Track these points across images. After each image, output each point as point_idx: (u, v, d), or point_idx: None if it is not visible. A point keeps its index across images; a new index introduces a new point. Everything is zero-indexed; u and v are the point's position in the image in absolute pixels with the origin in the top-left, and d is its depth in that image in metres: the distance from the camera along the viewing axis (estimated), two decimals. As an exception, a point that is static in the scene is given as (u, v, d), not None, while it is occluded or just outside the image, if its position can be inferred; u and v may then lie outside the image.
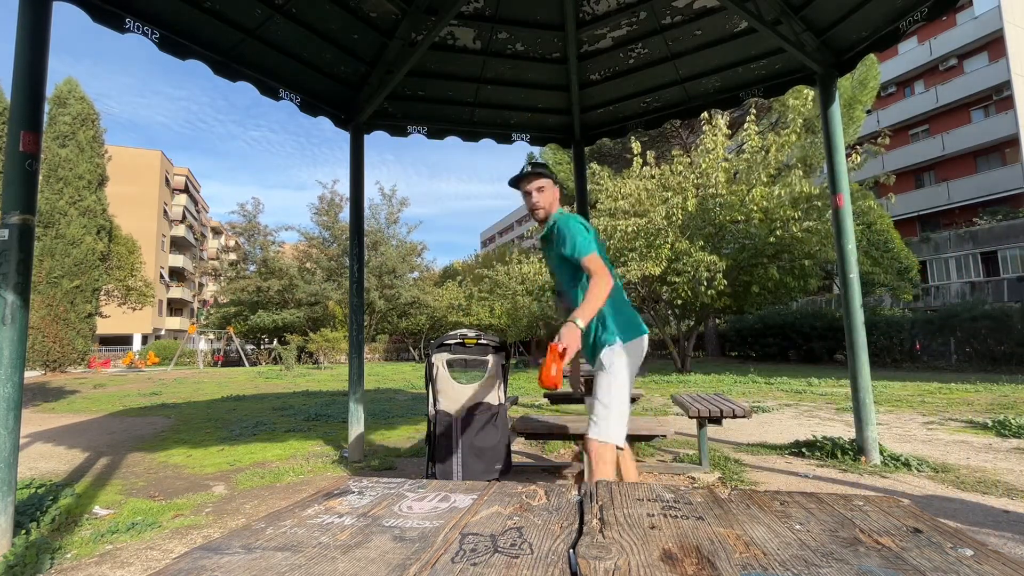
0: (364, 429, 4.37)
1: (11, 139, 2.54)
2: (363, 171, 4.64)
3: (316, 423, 6.17)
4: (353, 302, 4.50)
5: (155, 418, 6.99)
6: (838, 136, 4.01)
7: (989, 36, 24.12)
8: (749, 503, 0.89)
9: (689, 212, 12.16)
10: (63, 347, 17.01)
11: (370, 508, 0.89)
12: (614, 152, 20.77)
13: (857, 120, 19.00)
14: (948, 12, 4.17)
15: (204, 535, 2.63)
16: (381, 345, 28.87)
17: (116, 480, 3.77)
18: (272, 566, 0.65)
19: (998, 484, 3.18)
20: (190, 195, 51.09)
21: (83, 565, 2.31)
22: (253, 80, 3.97)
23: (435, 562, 0.66)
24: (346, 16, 4.00)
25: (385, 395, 9.39)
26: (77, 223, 18.14)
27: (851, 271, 3.87)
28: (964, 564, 0.62)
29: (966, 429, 5.04)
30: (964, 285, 23.07)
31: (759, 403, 7.15)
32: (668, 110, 5.10)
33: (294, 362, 17.68)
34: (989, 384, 8.88)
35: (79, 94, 19.13)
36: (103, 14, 3.04)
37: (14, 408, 2.43)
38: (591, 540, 0.73)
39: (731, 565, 0.63)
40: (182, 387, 11.87)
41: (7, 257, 2.46)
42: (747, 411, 3.41)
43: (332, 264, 26.71)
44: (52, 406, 8.58)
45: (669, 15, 4.35)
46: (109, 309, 22.24)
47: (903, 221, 25.75)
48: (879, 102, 25.68)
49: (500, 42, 4.61)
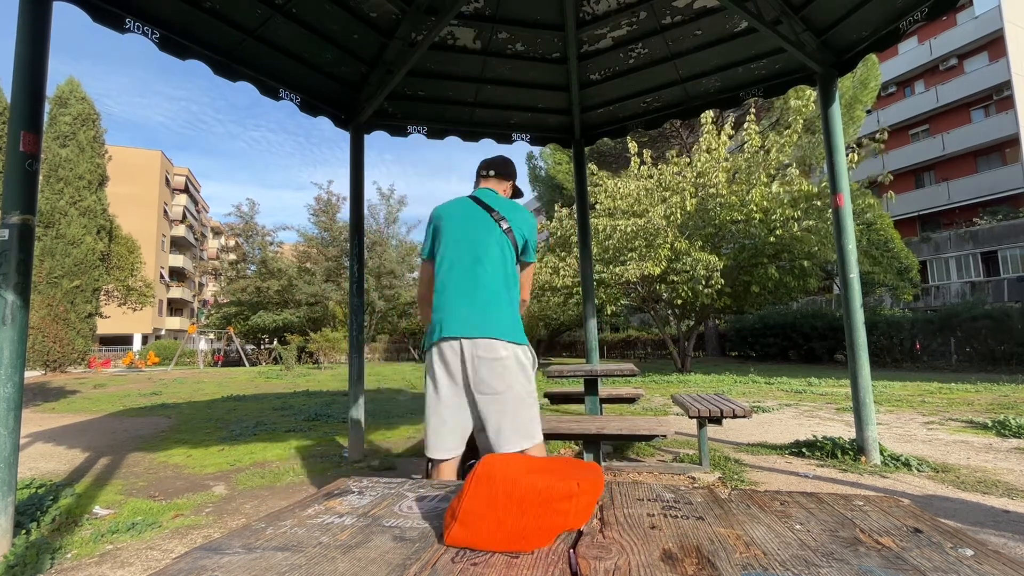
0: (364, 429, 4.37)
1: (11, 139, 2.54)
2: (363, 171, 4.64)
3: (316, 423, 6.17)
4: (353, 302, 4.50)
5: (155, 418, 6.99)
6: (838, 136, 4.01)
7: (989, 36, 24.12)
8: (749, 503, 0.89)
9: (688, 212, 12.16)
10: (63, 347, 17.00)
11: (370, 508, 0.89)
12: (614, 152, 20.77)
13: (857, 120, 19.01)
14: (948, 12, 4.16)
15: (204, 535, 2.63)
16: (381, 345, 28.87)
17: (116, 480, 3.77)
18: (272, 566, 0.65)
19: (998, 484, 3.18)
20: (190, 195, 51.10)
21: (83, 565, 2.31)
22: (253, 80, 3.97)
23: (435, 562, 0.66)
24: (346, 16, 4.00)
25: (385, 395, 9.39)
26: (77, 223, 18.15)
27: (851, 271, 3.86)
28: (964, 564, 0.62)
29: (966, 429, 5.04)
30: (964, 285, 23.07)
31: (759, 403, 7.15)
32: (668, 110, 5.10)
33: (294, 362, 17.68)
34: (989, 384, 8.88)
35: (80, 94, 19.14)
36: (103, 14, 3.04)
37: (14, 408, 2.43)
38: (591, 540, 0.73)
39: (731, 565, 0.63)
40: (182, 387, 11.87)
41: (7, 257, 2.46)
42: (747, 411, 3.41)
43: (331, 264, 26.70)
44: (52, 406, 8.58)
45: (669, 15, 4.35)
46: (109, 309, 22.23)
47: (903, 221, 25.75)
48: (879, 102, 25.69)
49: (500, 42, 4.61)
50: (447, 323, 1.84)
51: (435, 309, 1.90)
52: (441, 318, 1.86)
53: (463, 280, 1.89)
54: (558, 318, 20.48)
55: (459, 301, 1.86)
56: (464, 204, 2.03)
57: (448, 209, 2.02)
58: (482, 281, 1.88)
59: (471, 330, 1.80)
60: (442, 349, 1.81)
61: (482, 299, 1.85)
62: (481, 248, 1.92)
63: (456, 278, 1.90)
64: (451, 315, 1.84)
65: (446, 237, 1.96)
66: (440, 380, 1.81)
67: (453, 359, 1.80)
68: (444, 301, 1.88)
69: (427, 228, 2.05)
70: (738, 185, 12.08)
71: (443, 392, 1.81)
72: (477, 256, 1.90)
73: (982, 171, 24.65)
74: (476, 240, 1.93)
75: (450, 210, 2.02)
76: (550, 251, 16.08)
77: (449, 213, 2.01)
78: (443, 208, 2.04)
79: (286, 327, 25.91)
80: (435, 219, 2.03)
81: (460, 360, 1.80)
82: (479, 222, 1.97)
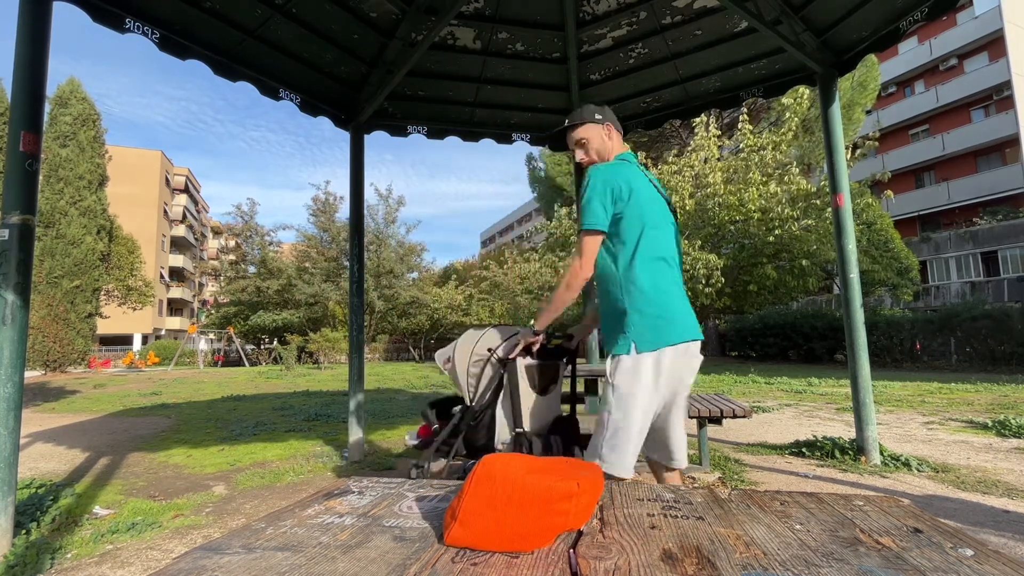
0: (364, 429, 4.37)
1: (11, 139, 2.54)
2: (363, 171, 4.64)
3: (316, 423, 6.17)
4: (353, 302, 4.50)
5: (155, 418, 6.99)
6: (838, 136, 4.01)
7: (989, 36, 24.11)
8: (749, 503, 0.89)
9: (687, 212, 12.17)
10: (63, 347, 17.00)
11: (370, 508, 0.89)
12: (614, 152, 20.75)
13: (856, 122, 19.00)
14: (948, 12, 4.16)
15: (204, 535, 2.63)
16: (381, 345, 28.85)
17: (116, 480, 3.77)
18: (272, 566, 0.65)
19: (998, 484, 3.18)
20: (190, 195, 51.09)
21: (83, 565, 2.31)
22: (253, 80, 3.96)
23: (435, 562, 0.66)
24: (346, 16, 4.00)
25: (385, 395, 9.38)
26: (77, 223, 18.15)
27: (851, 271, 3.86)
28: (964, 564, 0.62)
29: (966, 429, 5.04)
30: (964, 285, 23.07)
31: (759, 403, 7.15)
32: (668, 110, 5.10)
33: (294, 362, 17.68)
34: (989, 384, 8.88)
35: (80, 94, 19.16)
36: (103, 14, 3.04)
37: (14, 408, 2.43)
38: (591, 540, 0.73)
39: (731, 565, 0.63)
40: (182, 387, 11.86)
41: (7, 257, 2.46)
42: (747, 411, 3.41)
43: (330, 265, 26.70)
44: (52, 406, 8.58)
45: (669, 15, 4.35)
46: (109, 309, 22.24)
47: (903, 221, 25.74)
48: (879, 102, 25.63)
49: (500, 42, 4.61)
50: (689, 321, 1.63)
51: (654, 302, 1.61)
52: (677, 313, 1.62)
53: (676, 267, 1.70)
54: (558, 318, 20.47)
55: (682, 293, 1.66)
56: (644, 176, 1.73)
57: (636, 179, 1.67)
58: (680, 270, 1.73)
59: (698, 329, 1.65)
60: (678, 352, 1.59)
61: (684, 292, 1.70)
62: (676, 231, 1.75)
63: (672, 265, 1.68)
64: (686, 311, 1.64)
65: (645, 212, 1.64)
66: (662, 387, 1.60)
67: (684, 364, 1.63)
68: (672, 292, 1.64)
69: (604, 192, 1.64)
70: (735, 185, 12.09)
71: (659, 400, 1.63)
72: (675, 240, 1.73)
73: (982, 171, 24.65)
74: (669, 220, 1.73)
75: (638, 182, 1.68)
76: (550, 251, 16.08)
77: (639, 185, 1.67)
78: (630, 172, 1.69)
79: (286, 327, 25.90)
80: (622, 185, 1.65)
81: (688, 364, 1.64)
82: (661, 200, 1.75)
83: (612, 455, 1.61)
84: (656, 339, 1.59)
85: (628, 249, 1.65)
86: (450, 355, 1.94)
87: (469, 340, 1.91)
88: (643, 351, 1.58)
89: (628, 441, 1.61)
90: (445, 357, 1.97)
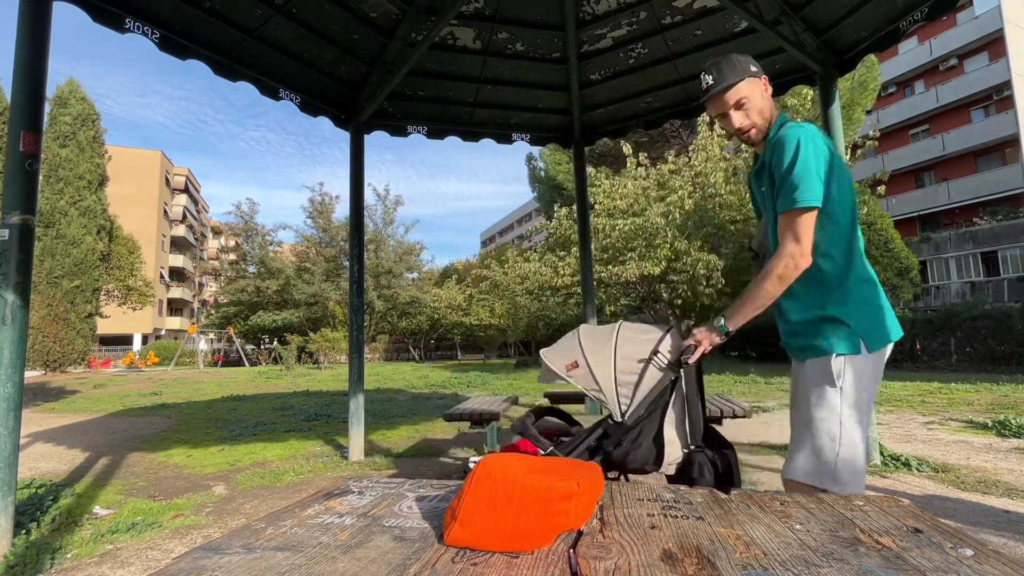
0: (364, 429, 4.37)
1: (11, 139, 2.54)
2: (363, 171, 4.64)
3: (316, 423, 6.17)
4: (353, 302, 4.50)
5: (155, 418, 6.99)
6: (838, 136, 4.01)
7: (989, 36, 24.12)
8: (749, 503, 0.89)
9: (687, 212, 12.18)
10: (63, 347, 17.02)
11: (370, 508, 0.89)
12: (613, 152, 20.78)
13: (856, 122, 19.01)
14: (948, 12, 4.17)
15: (204, 535, 2.63)
16: (381, 345, 28.88)
17: (116, 480, 3.77)
18: (272, 566, 0.65)
19: (998, 484, 3.18)
20: (190, 195, 51.09)
21: (83, 565, 2.31)
22: (253, 80, 3.96)
23: (435, 562, 0.66)
24: (346, 16, 4.00)
25: (385, 395, 9.39)
26: (77, 223, 18.17)
27: (851, 271, 3.86)
28: (964, 564, 0.62)
29: (966, 429, 5.04)
30: (964, 285, 23.07)
31: (759, 403, 7.15)
32: (668, 110, 5.10)
33: (294, 362, 17.70)
34: (989, 384, 8.88)
35: (80, 94, 19.17)
36: (103, 14, 3.04)
37: (14, 408, 2.43)
38: (591, 540, 0.73)
39: (731, 565, 0.63)
40: (182, 387, 11.87)
41: (7, 257, 2.46)
42: (747, 411, 3.41)
43: (329, 265, 26.72)
44: (52, 406, 8.58)
45: (669, 15, 4.35)
46: (109, 309, 22.25)
47: (903, 221, 25.74)
48: (879, 102, 25.64)
49: (500, 42, 4.61)
50: (894, 318, 1.46)
51: (878, 291, 1.45)
52: (887, 311, 1.45)
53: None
54: (558, 318, 20.47)
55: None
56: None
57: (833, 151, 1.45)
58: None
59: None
60: (886, 352, 1.44)
61: None
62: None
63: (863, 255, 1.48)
64: (889, 306, 1.46)
65: (849, 188, 1.45)
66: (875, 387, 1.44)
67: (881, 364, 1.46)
68: (876, 286, 1.46)
69: (819, 159, 1.39)
70: (736, 185, 12.09)
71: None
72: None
73: (982, 171, 24.65)
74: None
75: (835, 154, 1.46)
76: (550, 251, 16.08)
77: (838, 158, 1.46)
78: (830, 144, 1.45)
79: (286, 327, 25.93)
80: (831, 154, 1.43)
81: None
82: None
83: (855, 479, 1.35)
84: (885, 334, 1.40)
85: (842, 230, 1.43)
86: (578, 359, 1.52)
87: (604, 339, 1.53)
88: (874, 349, 1.38)
89: (862, 456, 1.38)
90: (570, 361, 1.53)
